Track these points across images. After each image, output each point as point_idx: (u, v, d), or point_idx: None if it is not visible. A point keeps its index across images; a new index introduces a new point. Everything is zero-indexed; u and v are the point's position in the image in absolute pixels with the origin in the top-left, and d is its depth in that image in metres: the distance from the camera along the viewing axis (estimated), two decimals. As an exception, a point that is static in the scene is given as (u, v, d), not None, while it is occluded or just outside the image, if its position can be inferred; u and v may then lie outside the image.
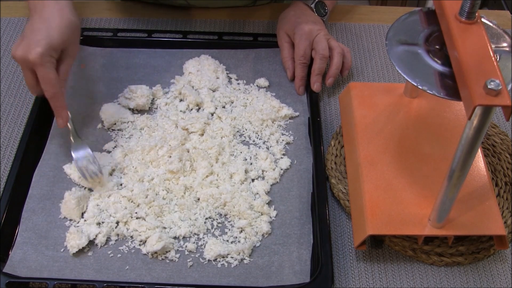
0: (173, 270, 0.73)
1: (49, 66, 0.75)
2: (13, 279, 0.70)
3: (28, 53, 0.74)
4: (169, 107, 0.90)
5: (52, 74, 0.76)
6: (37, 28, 0.76)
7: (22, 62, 0.75)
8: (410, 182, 0.77)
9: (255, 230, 0.76)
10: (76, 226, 0.76)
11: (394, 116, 0.84)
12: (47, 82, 0.76)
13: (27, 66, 0.76)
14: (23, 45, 0.75)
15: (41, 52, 0.74)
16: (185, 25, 1.05)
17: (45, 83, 0.76)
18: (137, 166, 0.82)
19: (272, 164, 0.83)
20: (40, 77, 0.76)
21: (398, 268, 0.76)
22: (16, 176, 0.78)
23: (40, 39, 0.75)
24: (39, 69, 0.75)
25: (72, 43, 0.79)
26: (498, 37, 0.64)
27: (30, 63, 0.75)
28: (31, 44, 0.74)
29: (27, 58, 0.74)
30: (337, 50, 0.93)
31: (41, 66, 0.74)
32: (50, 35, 0.76)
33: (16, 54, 0.75)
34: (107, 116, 0.88)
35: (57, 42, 0.76)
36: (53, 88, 0.76)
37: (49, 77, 0.75)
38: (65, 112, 0.79)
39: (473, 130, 0.58)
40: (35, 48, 0.74)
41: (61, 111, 0.79)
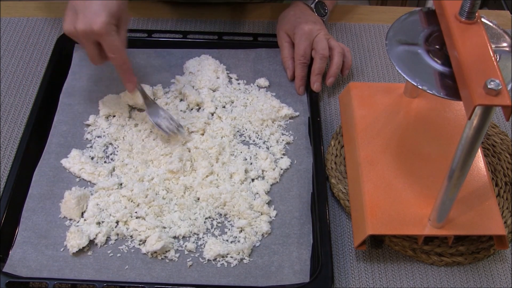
0: (172, 270, 0.73)
1: (114, 34, 0.76)
2: (13, 279, 0.70)
3: (92, 24, 0.74)
4: (169, 106, 0.90)
5: (118, 41, 0.77)
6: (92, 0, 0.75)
7: (85, 34, 0.75)
8: (410, 182, 0.77)
9: (254, 230, 0.76)
10: (76, 226, 0.76)
11: (394, 116, 0.84)
12: (115, 50, 0.77)
13: (90, 38, 0.76)
14: (82, 18, 0.75)
15: (105, 21, 0.74)
16: (185, 25, 1.06)
17: (113, 51, 0.77)
18: (137, 166, 0.82)
19: (272, 164, 0.83)
20: (107, 46, 0.76)
21: (398, 268, 0.76)
22: (16, 176, 0.78)
23: (99, 9, 0.74)
24: (105, 39, 0.75)
25: (125, 8, 0.79)
26: (498, 37, 0.64)
27: (95, 34, 0.75)
28: (92, 15, 0.74)
29: (91, 29, 0.74)
30: (337, 50, 0.93)
31: (106, 35, 0.75)
32: (107, 4, 0.75)
33: (77, 29, 0.75)
34: (105, 106, 0.88)
35: (115, 9, 0.76)
36: (121, 55, 0.78)
37: (116, 44, 0.76)
38: (134, 76, 0.82)
39: (473, 130, 0.58)
40: (97, 18, 0.74)
41: (130, 76, 0.81)
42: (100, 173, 0.81)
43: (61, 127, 0.87)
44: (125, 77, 0.81)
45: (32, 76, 0.96)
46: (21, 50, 1.00)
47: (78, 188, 0.79)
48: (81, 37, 0.76)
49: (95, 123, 0.88)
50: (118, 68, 0.80)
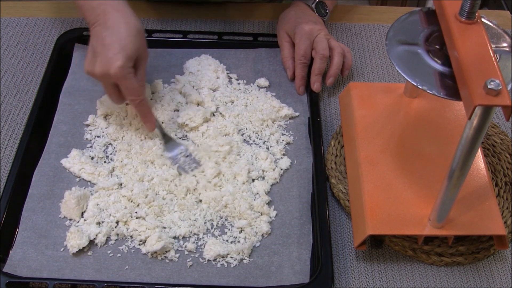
0: (172, 270, 0.73)
1: (130, 76, 0.77)
2: (13, 279, 0.70)
3: (109, 68, 0.75)
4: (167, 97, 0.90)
5: (135, 83, 0.78)
6: (109, 42, 0.76)
7: (103, 78, 0.77)
8: (410, 182, 0.77)
9: (254, 230, 0.76)
10: (76, 226, 0.76)
11: (394, 116, 0.84)
12: (132, 92, 0.78)
13: (108, 81, 0.78)
14: (100, 61, 0.76)
15: (121, 65, 0.75)
16: (185, 25, 1.06)
17: (130, 93, 0.78)
18: (137, 166, 0.82)
19: (272, 164, 0.83)
20: (124, 89, 0.78)
21: (398, 268, 0.75)
22: (16, 176, 0.78)
23: (116, 53, 0.75)
24: (122, 82, 0.77)
25: (143, 48, 0.80)
26: (498, 37, 0.64)
27: (112, 78, 0.76)
28: (108, 59, 0.75)
29: (108, 73, 0.76)
30: (338, 50, 0.93)
31: (123, 79, 0.76)
32: (124, 46, 0.76)
33: (95, 72, 0.77)
34: (103, 106, 0.88)
35: (132, 52, 0.77)
36: (138, 96, 0.79)
37: (133, 87, 0.78)
38: (152, 116, 0.82)
39: (473, 130, 0.58)
40: (114, 63, 0.75)
41: (149, 116, 0.82)
42: (100, 173, 0.81)
43: (61, 127, 0.87)
44: (144, 117, 0.82)
45: (32, 76, 0.96)
46: (21, 50, 1.00)
47: (78, 188, 0.79)
48: (99, 79, 0.78)
49: (94, 123, 0.88)
50: (136, 108, 0.81)
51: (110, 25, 0.77)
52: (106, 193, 0.79)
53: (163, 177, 0.80)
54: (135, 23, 0.79)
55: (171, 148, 0.83)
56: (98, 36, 0.78)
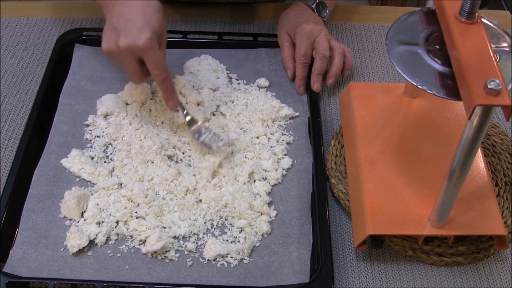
0: (172, 270, 0.73)
1: (158, 50, 0.76)
2: (13, 279, 0.70)
3: (137, 40, 0.73)
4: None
5: (162, 57, 0.77)
6: (134, 17, 0.75)
7: (129, 51, 0.75)
8: (410, 182, 0.77)
9: (254, 230, 0.76)
10: (76, 226, 0.76)
11: (394, 116, 0.84)
12: (159, 66, 0.77)
13: (133, 55, 0.76)
14: (125, 35, 0.74)
15: (149, 37, 0.74)
16: (185, 25, 1.06)
17: (157, 67, 0.77)
18: (137, 166, 0.82)
19: (275, 165, 0.83)
20: (151, 62, 0.76)
21: (398, 268, 0.75)
22: (16, 176, 0.78)
23: (142, 25, 0.74)
24: (149, 54, 0.75)
25: (164, 26, 0.79)
26: (498, 37, 0.64)
27: (140, 50, 0.74)
28: (135, 31, 0.74)
29: (136, 45, 0.74)
30: (338, 50, 0.93)
31: (151, 51, 0.75)
32: (149, 21, 0.75)
33: (120, 46, 0.74)
34: (102, 106, 0.88)
35: (157, 26, 0.76)
36: (164, 71, 0.77)
37: (160, 60, 0.76)
38: (175, 94, 0.81)
39: (473, 130, 0.58)
40: (141, 34, 0.73)
41: (172, 93, 0.81)
42: (100, 173, 0.81)
43: (61, 127, 0.87)
44: (168, 94, 0.81)
45: (32, 76, 0.96)
46: (21, 50, 1.00)
47: (78, 188, 0.79)
48: (124, 54, 0.76)
49: (94, 123, 0.88)
50: (161, 85, 0.79)
51: (133, 3, 0.76)
52: (106, 193, 0.79)
53: (163, 177, 0.80)
54: (156, 2, 0.78)
55: (196, 129, 0.83)
56: (119, 13, 0.76)
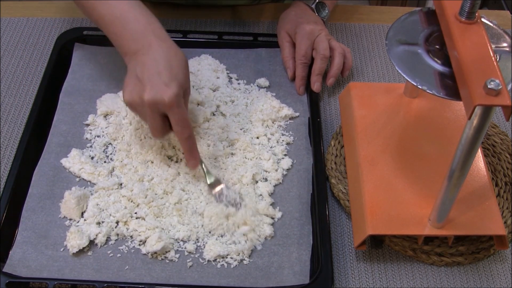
0: (172, 270, 0.73)
1: (183, 106, 0.73)
2: (13, 279, 0.70)
3: (163, 95, 0.70)
4: None
5: (186, 114, 0.73)
6: (160, 69, 0.72)
7: (154, 106, 0.71)
8: (410, 182, 0.76)
9: (258, 234, 0.76)
10: (76, 226, 0.76)
11: (394, 116, 0.84)
12: (184, 124, 0.73)
13: (158, 110, 0.72)
14: (150, 88, 0.71)
15: (176, 92, 0.71)
16: (185, 25, 1.06)
17: (182, 124, 0.73)
18: (137, 166, 0.82)
19: (275, 165, 0.83)
20: (176, 119, 0.73)
21: (398, 268, 0.75)
22: (16, 176, 0.78)
23: (169, 80, 0.71)
24: (175, 111, 0.72)
25: (189, 81, 0.77)
26: (498, 37, 0.64)
27: (165, 106, 0.71)
28: (162, 86, 0.71)
29: (161, 101, 0.70)
30: (338, 51, 0.93)
31: (177, 107, 0.71)
32: (175, 75, 0.72)
33: (146, 99, 0.71)
34: (102, 105, 0.88)
35: (183, 81, 0.73)
36: (189, 129, 0.74)
37: (185, 117, 0.73)
38: (198, 153, 0.77)
39: (473, 130, 0.58)
40: (168, 90, 0.70)
41: (195, 152, 0.77)
42: (100, 173, 0.81)
43: (61, 127, 0.87)
44: (190, 153, 0.76)
45: (32, 76, 0.96)
46: (21, 50, 1.00)
47: (78, 188, 0.79)
48: (148, 108, 0.72)
49: (94, 122, 0.88)
50: (183, 143, 0.75)
51: (159, 54, 0.74)
52: (106, 193, 0.79)
53: (163, 177, 0.80)
54: (183, 55, 0.76)
55: (214, 186, 0.79)
56: (145, 64, 0.73)
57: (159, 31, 0.77)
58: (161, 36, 0.76)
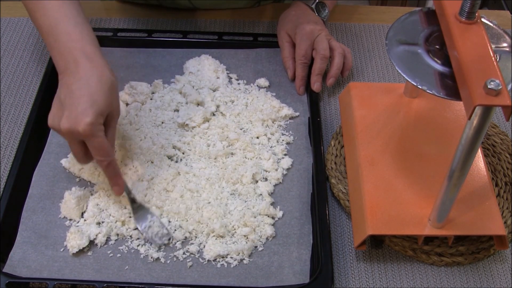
0: (172, 270, 0.73)
1: (101, 135, 0.69)
2: (13, 279, 0.70)
3: (77, 125, 0.68)
4: (166, 97, 0.90)
5: (105, 143, 0.70)
6: (79, 95, 0.69)
7: (70, 134, 0.69)
8: (410, 182, 0.76)
9: (258, 235, 0.76)
10: (76, 226, 0.76)
11: (394, 116, 0.84)
12: (102, 152, 0.70)
13: (75, 138, 0.70)
14: (67, 116, 0.68)
15: (90, 122, 0.68)
16: (185, 25, 1.06)
17: (99, 153, 0.71)
18: (137, 166, 0.82)
19: (275, 165, 0.83)
20: (93, 148, 0.70)
21: (398, 268, 0.75)
22: (16, 176, 0.78)
23: (86, 108, 0.68)
24: (91, 140, 0.69)
25: (115, 104, 0.73)
26: (498, 37, 0.64)
27: (80, 135, 0.69)
28: (77, 114, 0.68)
29: (76, 130, 0.68)
30: (338, 51, 0.93)
31: (92, 136, 0.69)
32: (95, 101, 0.69)
33: (62, 127, 0.69)
34: None
35: (104, 107, 0.70)
36: (108, 157, 0.71)
37: (103, 146, 0.70)
38: (121, 179, 0.75)
39: (473, 130, 0.58)
40: (83, 118, 0.67)
41: (117, 179, 0.74)
42: (100, 173, 0.81)
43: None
44: (112, 180, 0.74)
45: (32, 76, 0.96)
46: (21, 50, 1.00)
47: (78, 188, 0.79)
48: (65, 136, 0.71)
49: None
50: (104, 170, 0.73)
51: (81, 76, 0.70)
52: (106, 193, 0.79)
53: (163, 177, 0.80)
54: (109, 76, 0.72)
55: (141, 217, 0.76)
56: (68, 86, 0.70)
57: (89, 48, 0.73)
58: (90, 55, 0.72)
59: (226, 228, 0.75)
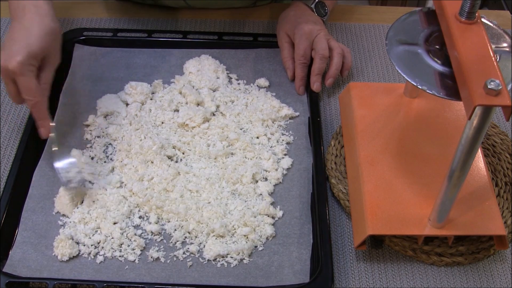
0: (172, 270, 0.73)
1: (30, 74, 0.75)
2: (13, 279, 0.70)
3: (8, 62, 0.74)
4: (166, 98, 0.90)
5: (33, 83, 0.75)
6: (17, 37, 0.76)
7: (3, 72, 0.75)
8: (410, 182, 0.77)
9: (259, 234, 0.76)
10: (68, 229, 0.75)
11: (394, 116, 0.84)
12: (28, 92, 0.75)
13: (8, 76, 0.75)
14: (3, 53, 0.75)
15: (20, 60, 0.73)
16: (185, 25, 1.06)
17: (26, 92, 0.75)
18: (137, 166, 0.82)
19: (275, 165, 0.83)
20: (21, 86, 0.75)
21: (398, 268, 0.75)
22: (16, 176, 0.78)
23: (19, 48, 0.74)
24: (19, 78, 0.75)
25: (53, 50, 0.79)
26: (498, 37, 0.64)
27: (10, 72, 0.74)
28: (11, 53, 0.74)
29: (6, 67, 0.74)
30: (337, 51, 0.93)
31: (21, 75, 0.74)
32: (30, 43, 0.75)
33: None
34: (102, 106, 0.89)
35: (37, 50, 0.76)
36: (34, 97, 0.76)
37: (30, 86, 0.75)
38: (47, 121, 0.79)
39: (473, 130, 0.58)
40: (14, 57, 0.73)
41: (43, 121, 0.79)
42: (100, 173, 0.81)
43: (61, 128, 0.87)
44: (38, 121, 0.79)
45: (32, 76, 0.96)
46: (21, 50, 1.00)
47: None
48: (1, 75, 0.76)
49: (94, 123, 0.88)
50: (31, 111, 0.78)
51: (24, 22, 0.77)
52: (106, 193, 0.79)
53: (163, 177, 0.80)
54: (50, 23, 0.78)
55: (60, 158, 0.79)
56: (12, 30, 0.77)
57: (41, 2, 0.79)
58: (38, 4, 0.79)
59: (226, 228, 0.75)
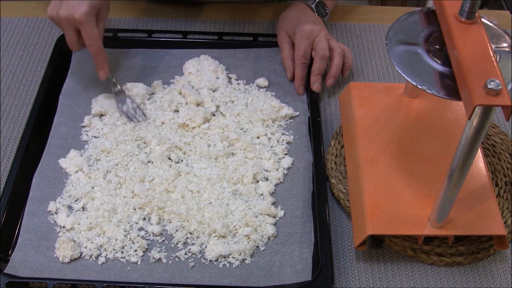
0: (174, 271, 0.73)
1: (93, 24, 0.83)
2: (13, 279, 0.70)
3: (74, 12, 0.81)
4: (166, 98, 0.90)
5: (96, 31, 0.83)
6: None
7: (67, 21, 0.82)
8: (410, 182, 0.77)
9: (260, 234, 0.76)
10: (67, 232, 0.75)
11: (394, 116, 0.84)
12: (92, 39, 0.83)
13: (71, 25, 0.82)
14: (65, 5, 0.81)
15: (86, 11, 0.81)
16: (185, 25, 1.06)
17: (90, 39, 0.83)
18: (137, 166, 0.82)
19: (276, 164, 0.83)
20: (85, 34, 0.83)
21: (398, 268, 0.76)
22: (16, 177, 0.78)
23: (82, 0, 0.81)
24: (84, 27, 0.82)
25: (105, 3, 0.87)
26: (498, 37, 0.64)
27: (76, 22, 0.81)
28: (75, 4, 0.81)
29: (73, 17, 0.81)
30: (338, 51, 0.93)
31: (86, 24, 0.82)
32: None
33: (61, 15, 0.81)
34: (97, 105, 0.89)
35: (96, 3, 0.83)
36: (97, 44, 0.84)
37: (94, 33, 0.83)
38: (107, 66, 0.88)
39: (473, 130, 0.58)
40: (80, 7, 0.81)
41: (103, 64, 0.88)
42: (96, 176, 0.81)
43: (60, 129, 0.87)
44: (99, 64, 0.87)
45: (32, 76, 0.96)
46: (21, 50, 1.00)
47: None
48: (62, 23, 0.83)
49: (90, 124, 0.88)
50: (93, 55, 0.86)
51: None
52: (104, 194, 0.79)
53: (163, 178, 0.80)
54: None
55: (121, 101, 0.89)
56: None
57: None
58: None
59: (227, 228, 0.75)
